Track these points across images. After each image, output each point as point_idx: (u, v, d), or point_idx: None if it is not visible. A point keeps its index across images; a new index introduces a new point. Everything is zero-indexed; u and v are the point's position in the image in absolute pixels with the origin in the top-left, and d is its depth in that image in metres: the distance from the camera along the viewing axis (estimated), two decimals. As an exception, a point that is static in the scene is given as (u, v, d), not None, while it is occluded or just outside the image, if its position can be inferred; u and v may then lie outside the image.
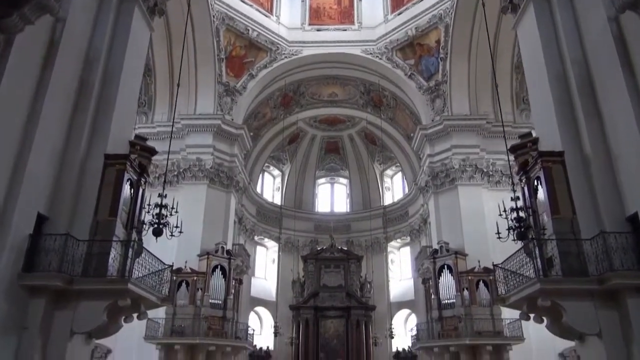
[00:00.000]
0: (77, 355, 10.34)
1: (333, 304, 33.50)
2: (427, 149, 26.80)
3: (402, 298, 34.38)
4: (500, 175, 25.40)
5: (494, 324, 21.53)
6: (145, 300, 11.16)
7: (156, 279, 12.39)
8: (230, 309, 23.46)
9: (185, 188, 25.51)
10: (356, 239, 37.51)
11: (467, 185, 24.85)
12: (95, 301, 10.23)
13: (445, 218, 25.02)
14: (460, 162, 25.09)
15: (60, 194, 10.95)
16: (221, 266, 23.75)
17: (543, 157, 11.33)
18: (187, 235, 24.02)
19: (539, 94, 13.04)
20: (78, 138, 11.47)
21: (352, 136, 38.36)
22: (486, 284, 22.26)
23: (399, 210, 35.65)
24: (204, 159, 25.69)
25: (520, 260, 12.53)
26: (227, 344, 22.74)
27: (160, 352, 21.75)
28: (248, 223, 33.20)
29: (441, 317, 22.72)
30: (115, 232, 10.94)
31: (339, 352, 32.59)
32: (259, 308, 34.73)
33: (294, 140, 38.20)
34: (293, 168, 38.84)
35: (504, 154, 25.71)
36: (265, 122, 34.18)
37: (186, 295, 22.60)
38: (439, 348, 22.14)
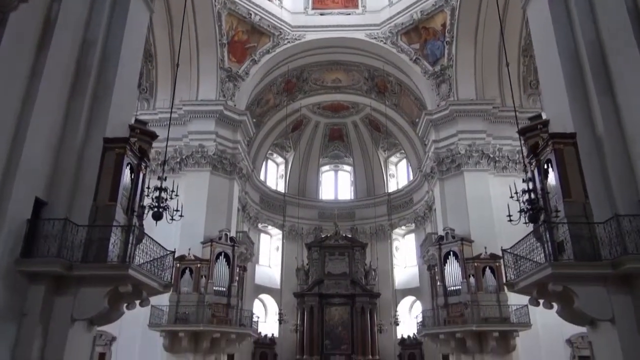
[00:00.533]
0: (78, 342, 10.16)
1: (338, 292, 33.40)
2: (433, 134, 26.41)
3: (407, 285, 34.23)
4: (507, 160, 25.03)
5: (501, 310, 21.31)
6: (147, 286, 10.95)
7: (158, 265, 12.18)
8: (235, 296, 23.33)
9: (188, 175, 25.29)
10: (360, 227, 37.28)
11: (473, 171, 24.50)
12: (95, 287, 10.03)
13: (450, 204, 24.71)
14: (466, 147, 24.72)
15: (59, 178, 10.70)
16: (225, 253, 23.58)
17: (554, 139, 10.98)
18: (190, 222, 24.12)
19: (549, 74, 12.63)
20: (76, 122, 11.19)
21: (356, 123, 37.96)
22: (493, 271, 22.03)
23: (404, 197, 35.34)
24: (206, 146, 25.41)
25: (530, 246, 12.25)
26: (232, 331, 22.63)
27: (165, 339, 21.67)
28: (252, 211, 33.00)
29: (447, 303, 22.53)
30: (116, 217, 10.70)
31: (343, 339, 32.53)
32: (264, 295, 34.67)
33: (298, 128, 37.84)
34: (296, 155, 38.52)
35: (511, 139, 25.66)
36: (268, 108, 33.81)
37: (190, 282, 22.47)
38: (445, 335, 21.97)
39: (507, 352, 21.28)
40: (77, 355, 10.11)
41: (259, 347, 31.79)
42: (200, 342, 21.83)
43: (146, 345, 22.03)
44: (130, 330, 22.46)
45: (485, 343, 21.23)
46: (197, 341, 21.87)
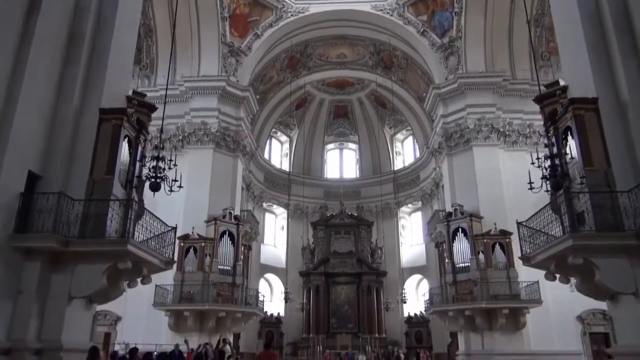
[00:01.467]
0: (77, 321, 9.77)
1: (344, 270, 33.22)
2: (441, 109, 25.69)
3: (413, 263, 33.93)
4: (517, 135, 24.35)
5: (511, 287, 20.90)
6: (148, 263, 10.52)
7: (159, 241, 11.76)
8: (240, 275, 23.01)
9: (191, 153, 24.80)
10: (366, 205, 36.89)
11: (483, 145, 23.85)
12: (93, 264, 9.60)
13: (459, 180, 24.13)
14: (476, 122, 24.03)
15: (53, 151, 10.18)
16: (229, 232, 23.20)
17: (574, 104, 10.32)
18: (194, 200, 23.75)
19: (568, 36, 11.91)
20: (70, 91, 10.63)
21: (361, 99, 37.22)
22: (502, 247, 21.56)
23: (410, 174, 34.83)
24: (209, 123, 24.84)
25: (545, 219, 11.73)
26: (237, 310, 22.37)
27: (170, 318, 21.45)
28: (256, 189, 32.58)
29: (455, 281, 22.13)
30: (113, 191, 10.21)
31: (350, 318, 32.43)
32: (269, 275, 34.49)
33: (302, 105, 37.16)
34: (301, 133, 37.94)
35: (522, 113, 24.96)
36: (271, 85, 33.10)
37: (194, 261, 22.15)
38: (454, 312, 21.62)
39: (517, 329, 20.93)
40: (76, 334, 9.73)
41: (265, 326, 31.73)
42: (205, 321, 21.60)
43: (151, 325, 21.79)
44: (135, 310, 22.27)
45: (495, 320, 20.89)
46: (203, 320, 21.64)
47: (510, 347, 20.59)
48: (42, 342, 9.16)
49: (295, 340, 31.92)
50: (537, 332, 21.06)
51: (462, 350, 22.42)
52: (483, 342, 21.27)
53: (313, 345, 29.98)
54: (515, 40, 25.07)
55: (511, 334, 20.85)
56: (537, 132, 24.31)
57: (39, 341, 9.16)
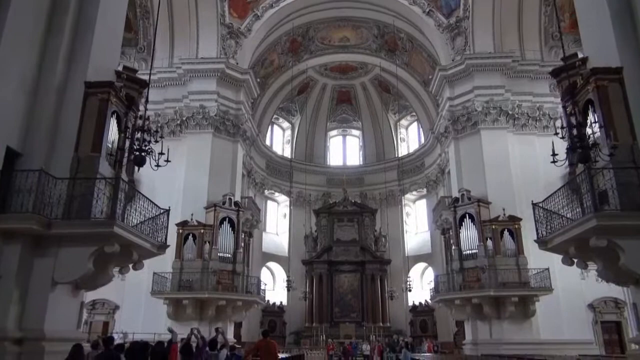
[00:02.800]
0: (61, 308, 9.12)
1: (347, 258, 32.65)
2: (447, 91, 24.84)
3: (418, 252, 33.27)
4: (527, 117, 23.51)
5: (520, 274, 20.23)
6: (138, 247, 9.84)
7: (152, 225, 11.10)
8: (240, 262, 22.39)
9: (190, 137, 24.09)
10: (370, 192, 36.20)
11: (491, 129, 23.05)
12: (78, 247, 8.93)
13: (466, 165, 23.37)
14: (483, 104, 23.20)
15: (35, 126, 9.47)
16: (229, 218, 22.54)
17: (597, 74, 9.54)
18: (193, 186, 23.07)
19: (590, 4, 11.09)
20: (53, 63, 9.89)
21: (364, 85, 36.36)
22: (512, 233, 20.85)
23: (415, 161, 34.05)
24: (207, 106, 24.08)
25: (559, 203, 11.01)
26: (238, 299, 21.78)
27: (168, 307, 20.89)
28: (257, 177, 31.89)
29: (462, 268, 21.46)
30: (100, 170, 9.51)
31: (353, 307, 31.91)
32: (271, 263, 33.93)
33: (304, 90, 36.33)
34: (303, 120, 37.14)
35: (531, 95, 24.11)
36: (272, 70, 32.25)
37: (193, 248, 21.54)
38: (461, 300, 20.98)
39: (526, 317, 20.29)
40: (61, 322, 9.10)
41: (268, 315, 31.23)
42: (205, 309, 21.03)
43: (150, 314, 21.23)
44: (133, 299, 21.76)
45: (503, 308, 20.25)
46: (202, 309, 21.07)
47: (519, 336, 19.97)
48: (23, 331, 8.53)
49: (298, 330, 31.42)
50: (546, 321, 20.42)
51: (469, 340, 21.81)
52: (491, 330, 20.66)
53: (316, 335, 29.51)
54: (525, 20, 24.15)
55: (520, 323, 20.23)
56: (547, 114, 23.52)
57: (19, 330, 8.53)
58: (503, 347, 19.53)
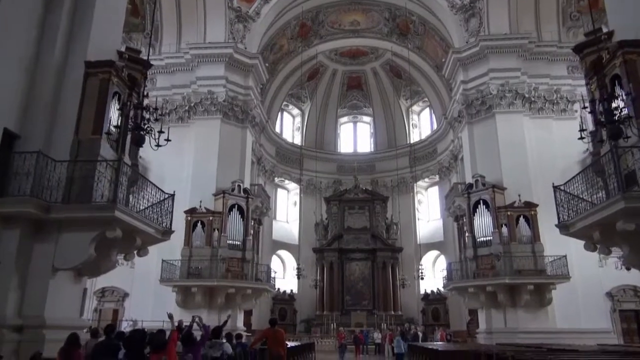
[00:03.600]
0: (63, 295, 8.85)
1: (358, 246, 32.29)
2: (461, 75, 24.16)
3: (430, 239, 32.71)
4: (544, 101, 22.80)
5: (536, 261, 19.70)
6: (141, 232, 9.52)
7: (157, 210, 10.78)
8: (250, 250, 22.10)
9: (198, 124, 23.74)
10: (381, 180, 35.68)
11: (506, 112, 22.37)
12: (79, 232, 8.62)
13: (480, 150, 22.75)
14: (499, 87, 22.51)
15: (33, 107, 9.14)
16: (238, 205, 22.23)
17: (625, 48, 8.94)
18: (201, 173, 22.77)
19: (615, -26, 10.45)
20: (51, 41, 9.52)
21: (375, 70, 35.67)
22: (527, 220, 20.30)
23: (427, 147, 33.42)
24: (216, 92, 23.68)
25: (581, 186, 10.48)
26: (247, 286, 21.52)
27: (177, 295, 20.70)
28: (267, 164, 31.52)
29: (476, 255, 20.97)
30: (102, 153, 9.17)
31: (364, 295, 31.59)
32: (282, 251, 33.68)
33: (314, 76, 35.75)
34: (313, 106, 36.60)
35: (548, 78, 23.36)
36: (282, 55, 31.70)
37: (202, 236, 21.28)
38: (474, 288, 20.50)
39: (542, 306, 19.79)
40: (63, 309, 8.83)
41: (278, 303, 31.04)
42: (214, 297, 20.82)
43: (159, 302, 20.98)
44: (143, 286, 21.63)
45: (519, 297, 19.76)
46: (212, 297, 20.87)
47: (535, 324, 19.52)
48: (23, 318, 8.28)
49: (309, 318, 31.21)
50: (563, 309, 19.92)
51: (483, 328, 21.37)
52: (505, 319, 20.22)
53: (327, 323, 29.27)
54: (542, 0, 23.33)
55: (536, 311, 19.75)
56: (565, 97, 22.81)
57: (19, 317, 8.27)
58: (518, 336, 19.09)
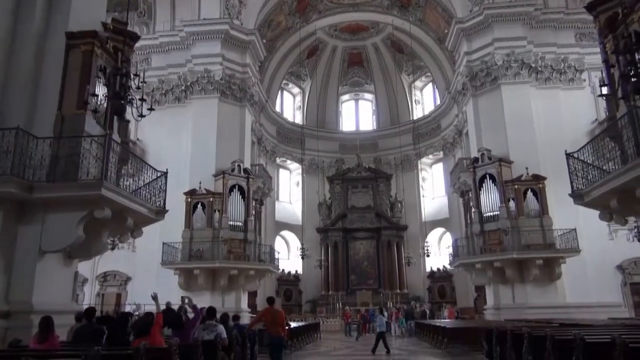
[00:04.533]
0: (52, 278, 8.45)
1: (362, 225, 31.93)
2: (464, 46, 23.39)
3: (435, 217, 32.32)
4: (551, 70, 22.06)
5: (545, 235, 19.23)
6: (132, 212, 9.06)
7: (151, 190, 10.32)
8: (252, 231, 21.70)
9: (195, 103, 23.17)
10: (384, 157, 35.13)
11: (512, 83, 21.67)
12: (66, 213, 8.18)
13: (486, 123, 22.12)
14: (504, 57, 21.76)
15: (13, 82, 8.62)
16: (239, 186, 21.78)
17: (644, 1, 8.31)
18: (200, 154, 22.27)
19: None
20: (30, 10, 8.95)
21: (376, 45, 34.81)
22: (535, 193, 19.77)
23: (431, 123, 32.77)
24: (212, 70, 23.03)
25: (594, 154, 9.94)
26: (250, 267, 21.18)
27: (179, 277, 20.39)
28: (268, 144, 30.97)
29: (483, 231, 20.51)
30: (87, 129, 8.66)
31: (370, 274, 31.33)
32: (285, 232, 33.35)
33: (313, 53, 34.92)
34: (314, 85, 35.84)
35: (555, 47, 22.56)
36: (280, 32, 30.85)
37: (203, 217, 20.89)
38: (482, 264, 20.09)
39: (551, 280, 19.38)
40: (52, 294, 8.44)
41: (283, 284, 30.83)
42: (217, 279, 20.52)
43: (162, 285, 20.48)
44: (145, 270, 21.32)
45: (527, 272, 19.35)
46: (214, 279, 20.57)
47: (544, 299, 19.14)
48: (10, 304, 7.89)
49: (314, 298, 31.03)
50: (572, 283, 19.53)
51: (491, 305, 21.03)
52: (514, 295, 19.86)
53: (332, 303, 29.08)
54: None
55: (545, 286, 19.35)
56: (573, 66, 22.07)
57: (6, 302, 7.88)
58: (527, 311, 18.74)
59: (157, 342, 4.89)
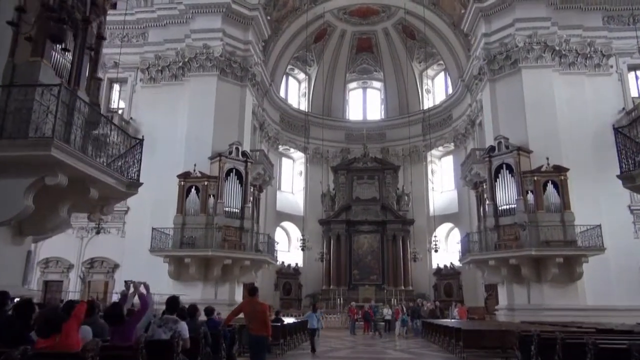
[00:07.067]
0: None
1: (367, 218, 30.49)
2: (482, 27, 21.80)
3: (444, 211, 30.76)
4: (575, 55, 20.50)
5: (565, 231, 17.70)
6: (97, 182, 7.64)
7: (129, 161, 8.92)
8: (249, 218, 20.30)
9: (193, 81, 21.76)
10: (392, 148, 33.60)
11: (534, 67, 20.10)
12: (12, 179, 6.77)
13: (503, 109, 20.57)
14: (525, 39, 20.18)
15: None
16: (237, 170, 20.37)
17: None
18: (196, 134, 20.76)
19: None
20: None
21: (387, 30, 33.19)
22: (556, 186, 18.24)
23: (442, 114, 31.19)
24: (212, 46, 21.58)
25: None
26: (245, 257, 19.79)
27: (170, 265, 19.02)
28: (271, 130, 29.51)
29: (498, 225, 19.01)
30: (42, 79, 7.24)
31: (373, 269, 29.90)
32: (286, 223, 31.92)
33: (321, 38, 33.36)
34: (320, 70, 34.31)
35: (581, 29, 20.82)
36: (286, 12, 29.28)
37: (196, 202, 19.51)
38: (496, 261, 18.59)
39: (571, 280, 17.90)
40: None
41: (282, 277, 29.47)
42: (210, 269, 19.15)
43: (152, 273, 19.06)
44: (133, 257, 19.96)
45: (545, 271, 17.85)
46: (207, 268, 19.21)
47: (563, 301, 17.67)
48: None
49: (315, 292, 29.63)
50: (593, 284, 18.07)
51: (504, 305, 19.54)
52: (529, 295, 18.39)
53: (333, 298, 27.67)
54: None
55: (564, 287, 17.90)
56: (600, 51, 20.52)
57: None
58: (543, 313, 17.33)
59: (70, 343, 3.48)
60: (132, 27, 22.80)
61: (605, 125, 19.70)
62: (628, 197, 19.29)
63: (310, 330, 13.47)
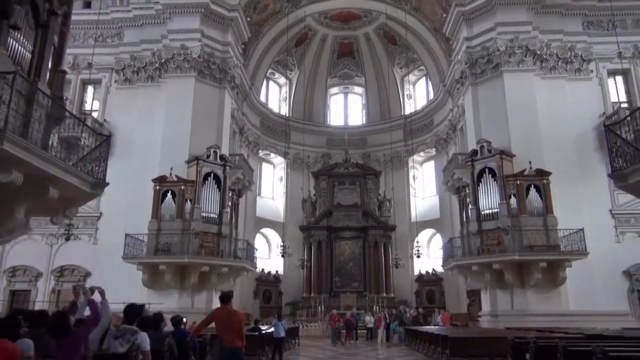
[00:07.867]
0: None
1: (348, 224, 30.08)
2: (464, 31, 21.70)
3: (425, 217, 30.57)
4: (556, 59, 20.50)
5: (548, 236, 17.53)
6: (57, 181, 7.04)
7: (96, 159, 8.34)
8: (227, 224, 19.68)
9: (170, 83, 21.16)
10: (374, 154, 33.35)
11: (515, 71, 20.04)
12: (-41, 175, 6.16)
13: (485, 113, 20.43)
14: (507, 43, 20.13)
15: None
16: (214, 174, 19.76)
17: None
18: (173, 137, 20.04)
19: None
20: None
21: (368, 35, 33.04)
22: (539, 190, 18.09)
23: (423, 119, 31.07)
24: (189, 47, 21.03)
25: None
26: (224, 264, 19.13)
27: (144, 273, 18.26)
28: (251, 135, 28.95)
29: (481, 230, 18.77)
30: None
31: (355, 276, 29.45)
32: (266, 230, 31.31)
33: (302, 42, 33.03)
34: (301, 75, 33.98)
35: (562, 34, 20.92)
36: (267, 16, 28.86)
37: (172, 207, 18.84)
38: (479, 266, 18.33)
39: (555, 285, 17.72)
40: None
41: (262, 284, 28.80)
42: (186, 277, 18.45)
43: (126, 282, 18.49)
44: (106, 264, 19.11)
45: (528, 276, 17.64)
46: (183, 276, 18.50)
47: (546, 306, 17.48)
48: None
49: (295, 300, 29.04)
50: (576, 289, 17.93)
51: (487, 311, 19.27)
52: (513, 301, 18.14)
53: (314, 305, 27.11)
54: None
55: (548, 292, 17.71)
56: (580, 56, 20.56)
57: None
58: (527, 319, 17.08)
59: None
60: (106, 27, 22.13)
61: (586, 130, 19.80)
62: (609, 201, 19.31)
63: (276, 340, 12.50)
